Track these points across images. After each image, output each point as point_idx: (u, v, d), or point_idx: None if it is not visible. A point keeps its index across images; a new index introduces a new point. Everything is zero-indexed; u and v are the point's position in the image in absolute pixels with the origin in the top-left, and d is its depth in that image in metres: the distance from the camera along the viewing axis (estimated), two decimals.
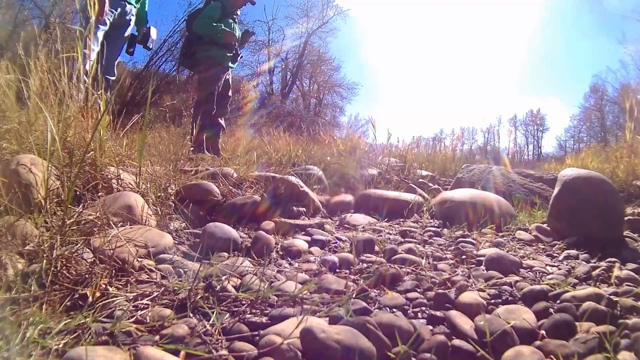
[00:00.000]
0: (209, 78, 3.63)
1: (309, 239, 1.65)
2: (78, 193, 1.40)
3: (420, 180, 3.59)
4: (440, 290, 1.11)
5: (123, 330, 0.76)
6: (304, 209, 2.10)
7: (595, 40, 32.59)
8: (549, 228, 1.93)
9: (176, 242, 1.41)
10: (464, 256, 1.47)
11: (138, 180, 1.62)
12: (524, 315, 0.94)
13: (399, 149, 4.77)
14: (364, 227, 1.99)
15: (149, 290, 0.96)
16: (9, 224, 1.00)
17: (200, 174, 2.19)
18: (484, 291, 1.13)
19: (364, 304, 0.97)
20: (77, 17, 3.40)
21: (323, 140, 5.03)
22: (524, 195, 2.78)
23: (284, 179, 2.15)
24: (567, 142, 22.69)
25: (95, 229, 1.11)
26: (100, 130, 1.61)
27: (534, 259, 1.51)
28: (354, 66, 33.44)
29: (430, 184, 3.50)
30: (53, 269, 0.88)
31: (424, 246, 1.67)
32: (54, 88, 1.62)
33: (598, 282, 1.25)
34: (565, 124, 27.30)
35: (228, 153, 3.68)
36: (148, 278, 1.05)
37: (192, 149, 3.27)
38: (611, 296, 1.03)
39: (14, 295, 0.78)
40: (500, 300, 1.09)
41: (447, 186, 3.51)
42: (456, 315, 0.94)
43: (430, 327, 0.92)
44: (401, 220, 2.24)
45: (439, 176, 4.23)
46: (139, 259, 1.10)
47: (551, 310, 1.00)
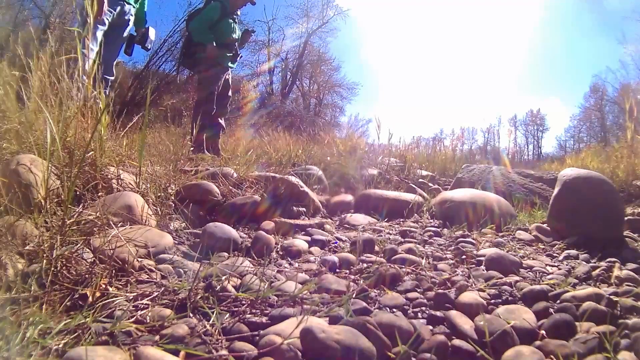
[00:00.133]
0: (208, 78, 3.64)
1: (309, 239, 1.65)
2: (78, 193, 1.40)
3: (420, 180, 3.59)
4: (440, 290, 1.11)
5: (123, 330, 0.76)
6: (304, 209, 2.10)
7: (595, 40, 32.62)
8: (549, 228, 1.93)
9: (176, 242, 1.41)
10: (464, 256, 1.47)
11: (138, 180, 1.62)
12: (524, 315, 0.94)
13: (399, 149, 4.78)
14: (364, 227, 1.99)
15: (149, 290, 0.96)
16: (9, 224, 1.00)
17: (200, 174, 2.19)
18: (484, 291, 1.13)
19: (364, 304, 0.97)
20: (77, 17, 3.38)
21: (323, 140, 5.03)
22: (524, 195, 2.78)
23: (284, 179, 2.15)
24: (567, 142, 22.70)
25: (95, 229, 1.11)
26: (100, 130, 1.61)
27: (534, 259, 1.51)
28: (354, 66, 33.44)
29: (430, 184, 3.50)
30: (53, 269, 0.88)
31: (424, 246, 1.67)
32: (54, 88, 1.62)
33: (598, 282, 1.25)
34: (565, 124, 27.31)
35: (228, 153, 3.68)
36: (148, 278, 1.05)
37: (192, 149, 3.27)
38: (611, 296, 1.03)
39: (14, 295, 0.78)
40: (500, 300, 1.09)
41: (447, 186, 3.51)
42: (456, 315, 0.94)
43: (430, 327, 0.92)
44: (401, 220, 2.24)
45: (439, 176, 4.23)
46: (139, 259, 1.10)
47: (551, 310, 1.00)
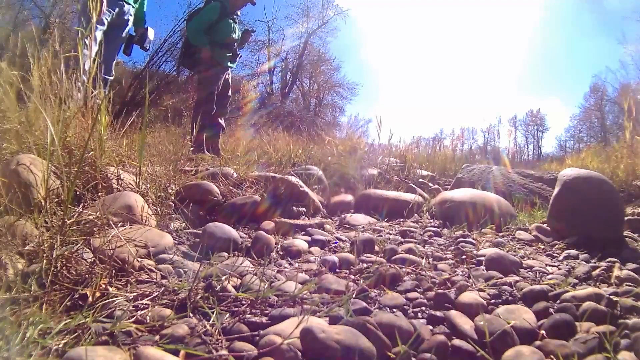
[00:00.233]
0: (208, 78, 3.64)
1: (309, 239, 1.65)
2: (78, 193, 1.40)
3: (420, 180, 3.59)
4: (440, 290, 1.11)
5: (123, 330, 0.76)
6: (304, 209, 2.10)
7: (595, 40, 32.63)
8: (549, 228, 1.93)
9: (176, 242, 1.41)
10: (464, 256, 1.47)
11: (138, 180, 1.62)
12: (524, 315, 0.94)
13: (399, 149, 4.77)
14: (364, 227, 1.99)
15: (149, 290, 0.96)
16: (9, 224, 1.00)
17: (200, 174, 2.19)
18: (484, 291, 1.13)
19: (364, 304, 0.97)
20: (77, 17, 3.38)
21: (323, 140, 5.03)
22: (524, 195, 2.78)
23: (284, 179, 2.15)
24: (567, 142, 22.70)
25: (95, 229, 1.11)
26: (99, 129, 1.61)
27: (534, 259, 1.51)
28: (354, 66, 33.41)
29: (430, 184, 3.50)
30: (53, 269, 0.88)
31: (424, 246, 1.67)
32: (54, 88, 1.62)
33: (598, 282, 1.25)
34: (565, 124, 27.30)
35: (228, 153, 3.68)
36: (148, 278, 1.05)
37: (192, 149, 3.27)
38: (611, 296, 1.03)
39: (14, 295, 0.78)
40: (500, 300, 1.09)
41: (447, 186, 3.51)
42: (456, 315, 0.94)
43: (430, 327, 0.92)
44: (401, 220, 2.24)
45: (439, 176, 4.23)
46: (139, 259, 1.10)
47: (551, 310, 1.00)
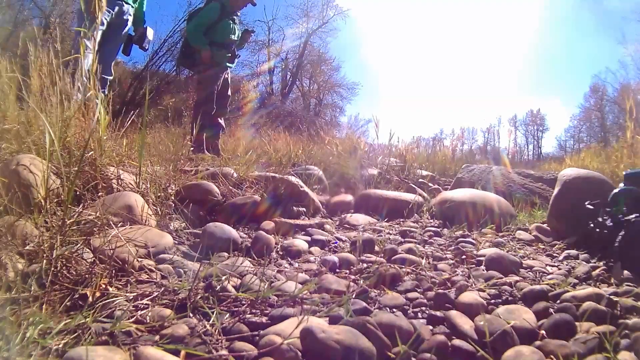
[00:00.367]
0: (208, 78, 3.64)
1: (309, 239, 1.65)
2: (78, 193, 1.40)
3: (420, 180, 3.59)
4: (440, 290, 1.11)
5: (123, 330, 0.76)
6: (304, 209, 2.10)
7: (595, 40, 32.59)
8: (549, 228, 1.93)
9: (176, 242, 1.41)
10: (464, 256, 1.47)
11: (138, 180, 1.62)
12: (524, 315, 0.94)
13: (399, 149, 4.77)
14: (364, 227, 1.99)
15: (149, 290, 0.96)
16: (9, 224, 1.00)
17: (200, 174, 2.19)
18: (484, 291, 1.13)
19: (364, 304, 0.97)
20: (77, 17, 3.37)
21: (323, 140, 5.03)
22: (524, 195, 2.78)
23: (284, 179, 2.15)
24: (567, 142, 22.67)
25: (95, 229, 1.11)
26: (99, 129, 1.61)
27: (534, 259, 1.51)
28: (354, 66, 33.31)
29: (430, 184, 3.50)
30: (53, 269, 0.88)
31: (424, 246, 1.67)
32: (54, 88, 1.62)
33: (598, 282, 1.25)
34: (565, 124, 27.26)
35: (228, 153, 3.68)
36: (148, 278, 1.05)
37: (192, 149, 3.27)
38: (611, 296, 1.03)
39: (14, 295, 0.78)
40: (500, 300, 1.09)
41: (447, 186, 3.51)
42: (456, 315, 0.94)
43: (430, 327, 0.92)
44: (401, 220, 2.24)
45: (439, 176, 4.23)
46: (139, 259, 1.10)
47: (551, 310, 1.00)
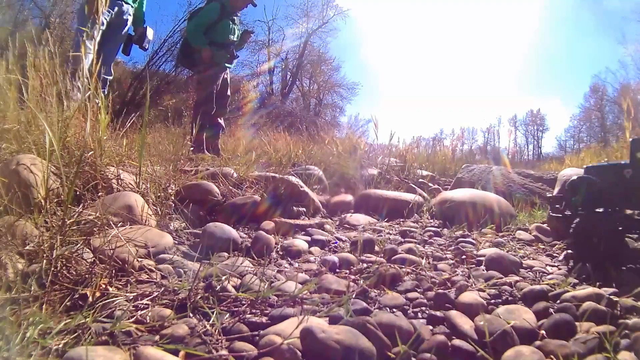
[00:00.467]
0: (207, 78, 3.64)
1: (309, 239, 1.65)
2: (78, 193, 1.40)
3: (420, 180, 3.59)
4: (440, 290, 1.11)
5: (123, 330, 0.76)
6: (304, 209, 2.10)
7: (595, 40, 32.59)
8: (548, 228, 1.93)
9: (176, 242, 1.41)
10: (464, 256, 1.47)
11: (138, 180, 1.62)
12: (524, 315, 0.94)
13: (399, 149, 4.77)
14: (364, 227, 1.99)
15: (149, 290, 0.96)
16: (9, 224, 1.00)
17: (200, 174, 2.19)
18: (484, 291, 1.13)
19: (364, 304, 0.97)
20: (77, 17, 3.37)
21: (323, 140, 5.03)
22: (524, 195, 2.78)
23: (284, 179, 2.15)
24: (567, 142, 22.67)
25: (95, 229, 1.11)
26: (99, 129, 1.61)
27: (534, 259, 1.51)
28: (354, 66, 33.37)
29: (430, 184, 3.50)
30: (53, 269, 0.88)
31: (424, 246, 1.67)
32: (54, 88, 1.62)
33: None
34: (565, 124, 27.27)
35: (228, 153, 3.68)
36: (148, 278, 1.05)
37: (192, 149, 3.27)
38: (611, 296, 1.03)
39: (14, 295, 0.78)
40: (500, 300, 1.09)
41: (447, 186, 3.51)
42: (456, 315, 0.94)
43: (430, 327, 0.92)
44: (401, 220, 2.24)
45: (439, 176, 4.23)
46: (139, 259, 1.10)
47: (551, 310, 1.00)
